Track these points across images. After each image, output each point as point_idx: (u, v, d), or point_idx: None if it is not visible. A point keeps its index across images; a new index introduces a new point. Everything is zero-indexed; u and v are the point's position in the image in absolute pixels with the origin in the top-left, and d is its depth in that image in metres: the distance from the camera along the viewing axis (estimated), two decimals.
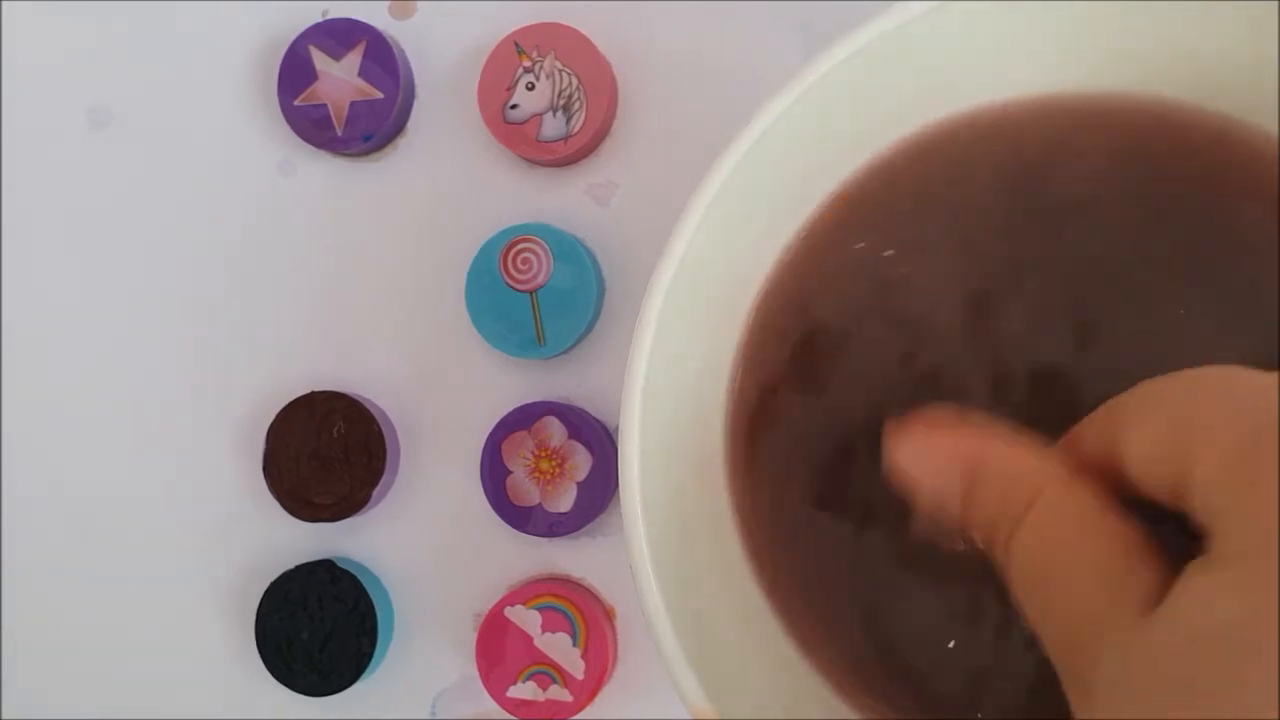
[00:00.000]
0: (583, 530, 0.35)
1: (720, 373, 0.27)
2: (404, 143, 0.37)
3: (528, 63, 0.34)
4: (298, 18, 0.37)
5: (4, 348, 0.38)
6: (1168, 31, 0.24)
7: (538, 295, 0.34)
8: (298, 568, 0.36)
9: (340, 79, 0.36)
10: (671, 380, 0.25)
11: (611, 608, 0.36)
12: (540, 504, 0.34)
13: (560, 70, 0.34)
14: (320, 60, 0.36)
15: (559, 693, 0.34)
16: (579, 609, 0.34)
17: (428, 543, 0.36)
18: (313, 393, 0.36)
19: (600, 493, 0.34)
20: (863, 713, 0.26)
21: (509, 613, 0.34)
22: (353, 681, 0.35)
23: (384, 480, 0.35)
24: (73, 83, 0.38)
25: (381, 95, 0.35)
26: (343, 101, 0.36)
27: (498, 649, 0.34)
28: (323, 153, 0.37)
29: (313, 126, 0.36)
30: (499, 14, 0.36)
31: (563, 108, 0.34)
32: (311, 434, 0.35)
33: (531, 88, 0.34)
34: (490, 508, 0.35)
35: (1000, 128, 0.26)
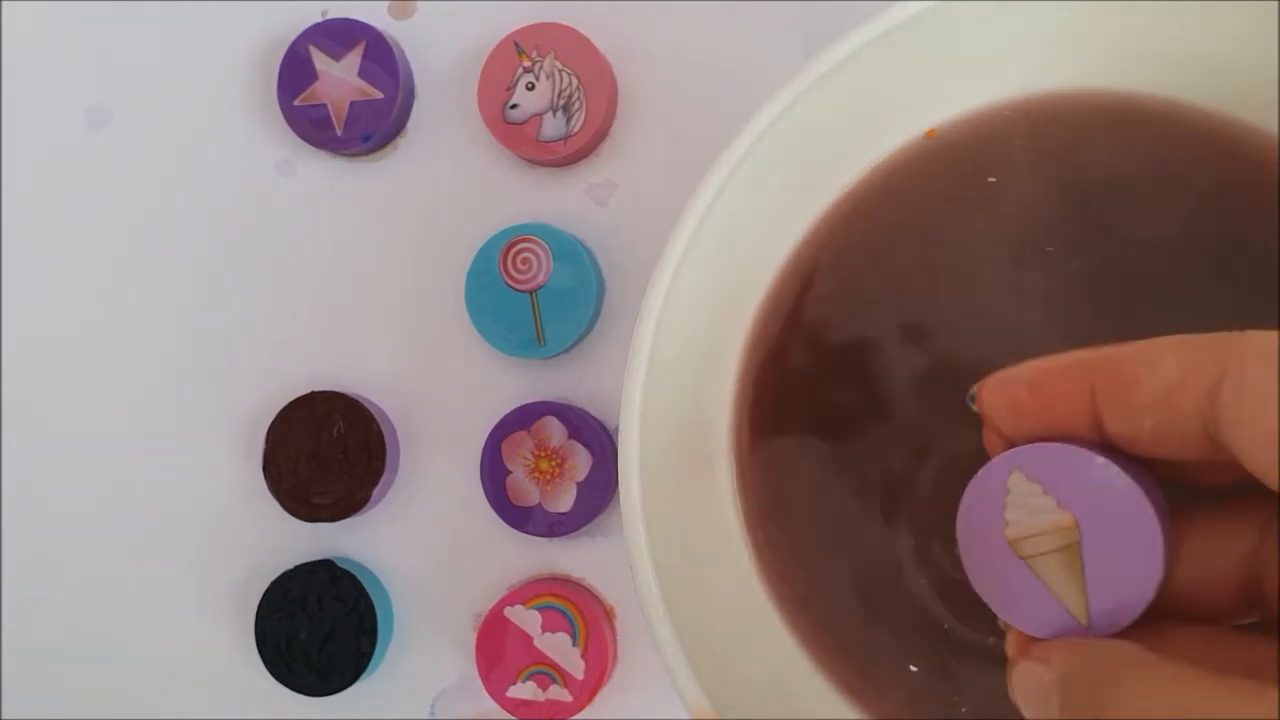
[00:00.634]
0: (582, 530, 0.35)
1: (721, 372, 0.27)
2: (404, 143, 0.37)
3: (527, 63, 0.34)
4: (298, 18, 0.37)
5: (3, 348, 0.38)
6: (1168, 32, 0.24)
7: (537, 295, 0.34)
8: (297, 568, 0.36)
9: (340, 79, 0.36)
10: (672, 380, 0.25)
11: (611, 608, 0.36)
12: (540, 504, 0.34)
13: (560, 70, 0.34)
14: (320, 60, 0.36)
15: (559, 693, 0.34)
16: (579, 609, 0.34)
17: (427, 543, 0.36)
18: (312, 393, 0.36)
19: (600, 493, 0.34)
20: (864, 712, 0.26)
21: (509, 613, 0.34)
22: (352, 681, 0.35)
23: (383, 480, 0.35)
24: (73, 83, 0.38)
25: (381, 95, 0.35)
26: (343, 101, 0.36)
27: (497, 649, 0.34)
28: (322, 153, 0.37)
29: (312, 126, 0.36)
30: (499, 14, 0.36)
31: (562, 108, 0.34)
32: (311, 434, 0.35)
33: (531, 88, 0.34)
34: (490, 508, 0.35)
35: (1000, 128, 0.26)
